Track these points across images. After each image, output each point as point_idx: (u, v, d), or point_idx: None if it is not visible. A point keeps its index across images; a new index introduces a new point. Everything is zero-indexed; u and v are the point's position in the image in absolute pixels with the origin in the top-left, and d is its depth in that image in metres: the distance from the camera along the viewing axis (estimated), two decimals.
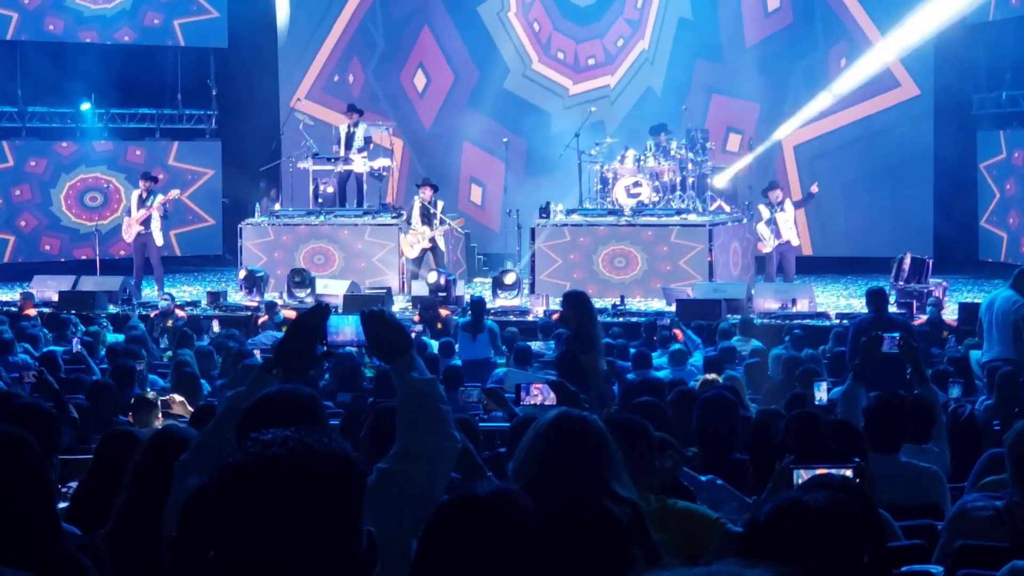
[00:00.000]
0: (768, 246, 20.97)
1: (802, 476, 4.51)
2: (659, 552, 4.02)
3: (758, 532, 3.34)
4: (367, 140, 22.69)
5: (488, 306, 19.24)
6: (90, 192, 25.18)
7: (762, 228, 21.05)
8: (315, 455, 2.35)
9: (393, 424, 3.84)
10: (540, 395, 6.87)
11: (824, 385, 9.13)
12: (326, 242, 22.16)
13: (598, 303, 19.96)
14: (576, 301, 10.83)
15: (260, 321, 18.60)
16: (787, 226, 20.84)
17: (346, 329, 4.01)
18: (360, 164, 22.47)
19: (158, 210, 21.31)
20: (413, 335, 15.96)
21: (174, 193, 21.91)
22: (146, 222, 21.28)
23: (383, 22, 26.28)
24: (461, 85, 26.04)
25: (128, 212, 21.79)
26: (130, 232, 21.46)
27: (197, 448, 3.94)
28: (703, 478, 6.12)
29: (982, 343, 13.62)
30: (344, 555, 2.35)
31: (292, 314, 17.09)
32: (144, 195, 21.46)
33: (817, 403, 8.49)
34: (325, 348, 4.03)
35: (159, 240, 21.48)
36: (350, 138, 22.47)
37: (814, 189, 21.26)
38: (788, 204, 20.96)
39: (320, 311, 4.00)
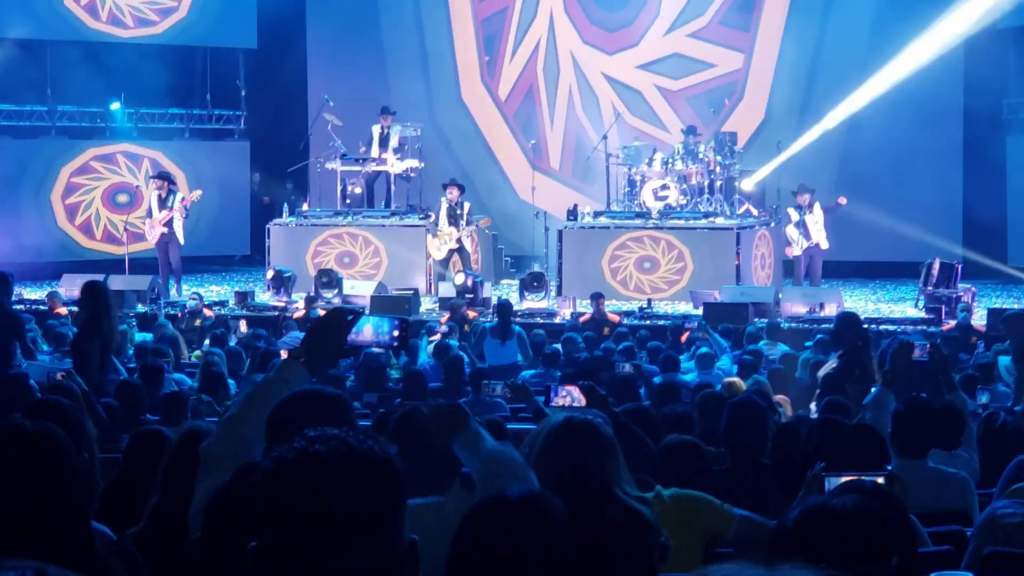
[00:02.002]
0: (797, 249, 20.95)
1: (833, 484, 4.49)
2: (668, 548, 4.04)
3: (786, 536, 3.34)
4: (401, 142, 22.77)
5: (515, 308, 19.25)
6: (119, 192, 25.28)
7: (791, 231, 21.02)
8: (356, 455, 2.36)
9: (418, 425, 3.84)
10: (569, 397, 6.84)
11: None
12: (353, 243, 22.20)
13: (624, 306, 20.05)
14: (91, 291, 11.22)
15: (297, 315, 18.67)
16: (816, 228, 20.81)
17: (367, 329, 4.02)
18: (393, 165, 22.56)
19: (179, 211, 21.40)
20: (439, 336, 16.07)
21: (195, 195, 21.96)
22: (168, 222, 21.39)
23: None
24: (488, 85, 26.06)
25: (149, 213, 21.87)
26: (153, 233, 21.56)
27: (222, 430, 3.94)
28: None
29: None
30: (379, 558, 2.35)
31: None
32: (163, 195, 21.57)
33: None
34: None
35: (182, 240, 21.56)
36: (385, 139, 22.52)
37: (842, 201, 21.16)
38: (817, 207, 20.90)
39: (353, 313, 4.00)
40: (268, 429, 3.75)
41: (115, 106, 25.23)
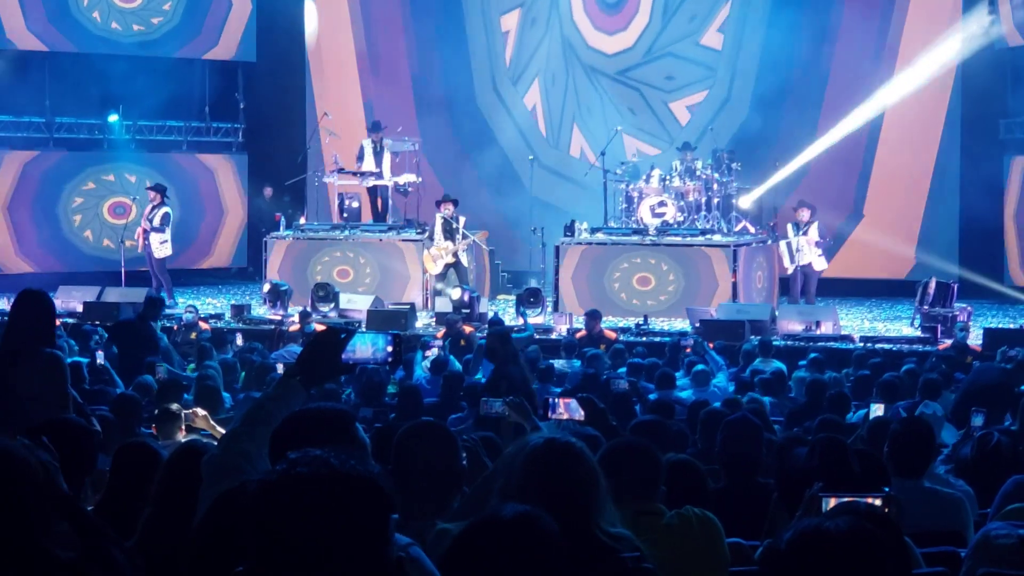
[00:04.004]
0: (787, 263, 20.99)
1: (831, 504, 4.47)
2: None
3: (779, 558, 3.33)
4: (393, 155, 22.80)
5: (512, 324, 19.23)
6: (116, 204, 25.26)
7: (783, 247, 21.07)
8: (339, 476, 2.37)
9: (420, 443, 3.84)
10: (567, 411, 6.78)
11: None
12: (350, 257, 22.20)
13: (620, 322, 20.05)
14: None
15: (292, 329, 18.66)
16: (809, 248, 20.80)
17: (362, 347, 4.02)
18: (389, 179, 22.59)
19: (144, 223, 21.52)
20: (434, 351, 16.05)
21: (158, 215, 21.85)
22: (147, 233, 21.48)
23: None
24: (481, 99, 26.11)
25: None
26: (139, 243, 21.72)
27: (224, 443, 3.94)
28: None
29: None
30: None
31: (322, 328, 17.10)
32: (155, 205, 21.67)
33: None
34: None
35: (157, 251, 21.56)
36: (379, 153, 22.52)
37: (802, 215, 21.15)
38: (814, 228, 20.87)
39: (346, 331, 4.02)
40: (270, 449, 3.75)
41: (113, 118, 25.23)
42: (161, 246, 21.61)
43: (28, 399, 7.03)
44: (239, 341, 18.10)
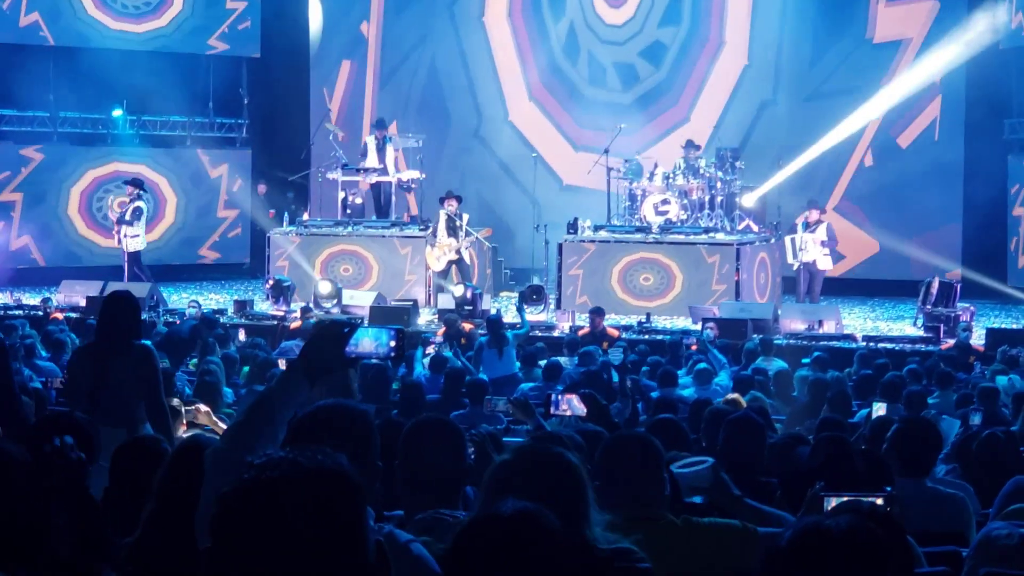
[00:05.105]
0: (790, 257, 20.98)
1: (833, 503, 4.47)
2: None
3: (779, 557, 3.32)
4: (396, 151, 22.80)
5: (511, 321, 19.25)
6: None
7: (787, 242, 21.08)
8: (308, 473, 2.38)
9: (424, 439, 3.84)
10: (569, 408, 6.77)
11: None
12: (353, 253, 22.19)
13: (623, 320, 20.04)
14: None
15: (293, 326, 18.66)
16: (815, 247, 20.77)
17: (365, 341, 4.01)
18: (394, 175, 22.59)
19: (112, 215, 21.61)
20: (433, 348, 16.04)
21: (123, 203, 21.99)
22: (121, 228, 21.56)
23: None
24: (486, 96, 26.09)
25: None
26: (116, 236, 21.79)
27: (228, 434, 3.93)
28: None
29: None
30: (350, 568, 2.36)
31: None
32: (130, 199, 21.71)
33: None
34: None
35: (128, 245, 21.60)
36: (383, 150, 22.51)
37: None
38: (823, 228, 20.82)
39: (349, 325, 4.00)
40: (290, 439, 3.74)
41: (117, 113, 25.22)
42: (132, 240, 21.61)
43: (125, 388, 8.03)
44: (242, 336, 18.09)
